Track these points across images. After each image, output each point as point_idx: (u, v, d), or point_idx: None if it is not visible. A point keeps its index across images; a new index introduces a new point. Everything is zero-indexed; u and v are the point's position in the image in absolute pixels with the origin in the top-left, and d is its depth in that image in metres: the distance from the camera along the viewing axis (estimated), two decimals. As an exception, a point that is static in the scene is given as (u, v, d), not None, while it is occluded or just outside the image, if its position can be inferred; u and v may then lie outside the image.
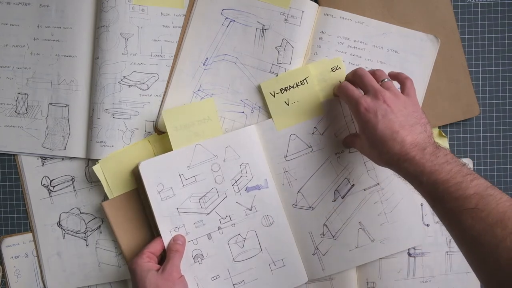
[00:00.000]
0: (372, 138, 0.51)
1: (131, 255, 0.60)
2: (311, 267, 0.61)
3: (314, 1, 0.62)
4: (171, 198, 0.58)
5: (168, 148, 0.59)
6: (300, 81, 0.60)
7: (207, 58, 0.62)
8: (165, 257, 0.56)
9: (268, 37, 0.61)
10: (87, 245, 0.63)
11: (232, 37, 0.62)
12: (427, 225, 0.63)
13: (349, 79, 0.57)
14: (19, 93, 0.62)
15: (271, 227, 0.60)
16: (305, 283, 0.61)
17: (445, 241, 0.63)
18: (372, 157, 0.53)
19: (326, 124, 0.60)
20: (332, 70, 0.61)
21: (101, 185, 0.60)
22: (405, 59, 0.62)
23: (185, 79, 0.62)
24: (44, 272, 0.63)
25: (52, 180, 0.63)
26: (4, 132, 0.62)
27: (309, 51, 0.62)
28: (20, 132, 0.62)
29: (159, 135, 0.62)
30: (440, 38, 0.62)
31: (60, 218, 0.63)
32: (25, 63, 0.62)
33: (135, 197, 0.60)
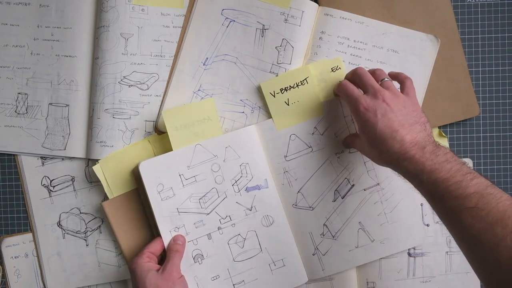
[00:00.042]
0: (372, 137, 0.51)
1: (131, 255, 0.60)
2: (311, 267, 0.61)
3: (314, 1, 0.62)
4: (171, 198, 0.58)
5: (168, 148, 0.59)
6: (300, 81, 0.60)
7: (207, 58, 0.62)
8: (165, 257, 0.56)
9: (268, 37, 0.61)
10: (87, 245, 0.63)
11: (232, 37, 0.62)
12: (427, 225, 0.63)
13: (349, 79, 0.57)
14: (19, 93, 0.62)
15: (271, 227, 0.60)
16: (305, 283, 0.61)
17: (445, 241, 0.63)
18: (372, 157, 0.53)
19: (326, 124, 0.60)
20: (332, 70, 0.61)
21: (101, 185, 0.60)
22: (405, 59, 0.62)
23: (185, 79, 0.62)
24: (44, 272, 0.63)
25: (52, 180, 0.63)
26: (4, 132, 0.62)
27: (309, 51, 0.62)
28: (20, 132, 0.62)
29: (159, 135, 0.62)
30: (440, 38, 0.62)
31: (60, 218, 0.63)
32: (25, 63, 0.62)
33: (135, 197, 0.60)
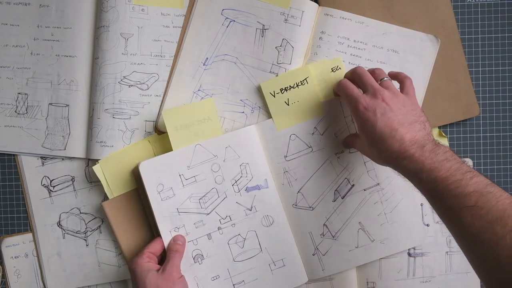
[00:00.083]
0: (371, 137, 0.51)
1: (131, 255, 0.60)
2: (311, 267, 0.61)
3: (314, 1, 0.62)
4: (171, 198, 0.58)
5: (168, 148, 0.59)
6: (300, 81, 0.60)
7: (207, 58, 0.62)
8: (165, 257, 0.56)
9: (268, 37, 0.61)
10: (87, 245, 0.63)
11: (232, 37, 0.62)
12: (427, 225, 0.63)
13: (348, 78, 0.57)
14: (19, 93, 0.62)
15: (271, 227, 0.60)
16: (305, 283, 0.61)
17: (445, 241, 0.63)
18: (372, 156, 0.53)
19: (326, 124, 0.60)
20: (332, 70, 0.61)
21: (101, 185, 0.60)
22: (405, 59, 0.62)
23: (185, 79, 0.62)
24: (44, 272, 0.63)
25: (52, 180, 0.63)
26: (4, 132, 0.62)
27: (309, 51, 0.62)
28: (20, 132, 0.62)
29: (159, 135, 0.62)
30: (440, 38, 0.62)
31: (60, 218, 0.63)
32: (25, 63, 0.62)
33: (135, 197, 0.60)
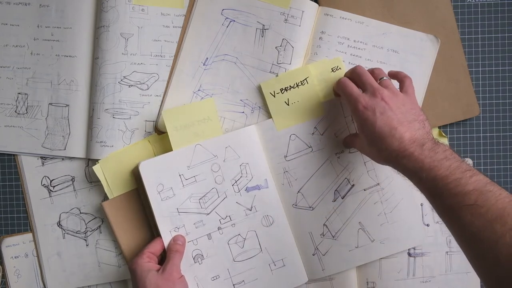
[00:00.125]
0: (371, 136, 0.51)
1: (131, 255, 0.60)
2: (311, 267, 0.61)
3: (314, 1, 0.62)
4: (171, 198, 0.58)
5: (168, 148, 0.59)
6: (301, 81, 0.60)
7: (207, 58, 0.62)
8: (165, 257, 0.56)
9: (268, 37, 0.61)
10: (87, 245, 0.63)
11: (232, 37, 0.62)
12: (427, 225, 0.63)
13: (348, 77, 0.57)
14: (19, 93, 0.62)
15: (271, 227, 0.60)
16: (305, 283, 0.61)
17: (445, 241, 0.63)
18: (372, 155, 0.53)
19: (326, 124, 0.60)
20: (332, 70, 0.61)
21: (101, 185, 0.60)
22: (405, 59, 0.62)
23: (185, 79, 0.62)
24: (44, 272, 0.63)
25: (52, 180, 0.63)
26: (4, 132, 0.62)
27: (309, 51, 0.62)
28: (20, 132, 0.62)
29: (159, 135, 0.62)
30: (440, 38, 0.62)
31: (60, 218, 0.63)
32: (25, 63, 0.62)
33: (135, 197, 0.60)
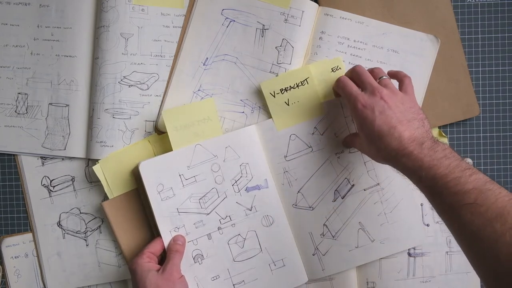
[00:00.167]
0: (370, 135, 0.51)
1: (131, 255, 0.60)
2: (311, 267, 0.61)
3: (314, 1, 0.62)
4: (171, 198, 0.58)
5: (168, 148, 0.59)
6: (301, 82, 0.60)
7: (207, 58, 0.62)
8: (165, 258, 0.56)
9: (268, 37, 0.61)
10: (87, 245, 0.63)
11: (232, 37, 0.62)
12: (427, 225, 0.63)
13: (347, 76, 0.57)
14: (19, 93, 0.62)
15: (271, 227, 0.60)
16: (305, 283, 0.61)
17: (445, 241, 0.63)
18: (371, 154, 0.53)
19: (326, 124, 0.60)
20: (332, 70, 0.61)
21: (101, 185, 0.60)
22: (405, 59, 0.62)
23: (185, 79, 0.62)
24: (44, 272, 0.63)
25: (52, 180, 0.63)
26: (4, 132, 0.62)
27: (309, 51, 0.62)
28: (20, 132, 0.62)
29: (159, 135, 0.62)
30: (440, 38, 0.62)
31: (60, 218, 0.63)
32: (25, 63, 0.62)
33: (135, 197, 0.60)
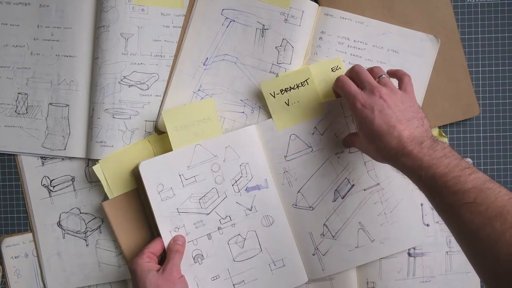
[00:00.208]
0: (370, 134, 0.51)
1: (131, 255, 0.60)
2: (311, 267, 0.61)
3: (314, 1, 0.62)
4: (171, 198, 0.58)
5: (168, 148, 0.59)
6: (301, 82, 0.60)
7: (207, 58, 0.62)
8: (165, 258, 0.56)
9: (268, 37, 0.61)
10: (87, 245, 0.63)
11: (232, 37, 0.62)
12: (427, 225, 0.63)
13: (347, 76, 0.57)
14: (19, 93, 0.62)
15: (271, 227, 0.60)
16: (305, 283, 0.61)
17: (445, 241, 0.63)
18: (371, 153, 0.53)
19: (326, 124, 0.60)
20: (332, 70, 0.61)
21: (101, 185, 0.60)
22: (405, 59, 0.62)
23: (185, 79, 0.62)
24: (44, 272, 0.63)
25: (52, 180, 0.63)
26: (4, 132, 0.62)
27: (309, 51, 0.62)
28: (20, 132, 0.62)
29: (159, 135, 0.62)
30: (440, 38, 0.62)
31: (60, 218, 0.63)
32: (25, 63, 0.62)
33: (135, 197, 0.60)
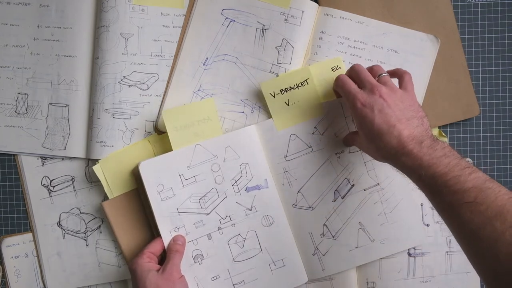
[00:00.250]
0: (369, 133, 0.50)
1: (131, 255, 0.60)
2: (311, 267, 0.61)
3: (314, 1, 0.62)
4: (171, 198, 0.58)
5: (168, 148, 0.59)
6: (301, 83, 0.60)
7: (207, 58, 0.62)
8: (165, 258, 0.56)
9: (268, 37, 0.61)
10: (87, 245, 0.63)
11: (232, 37, 0.62)
12: (427, 225, 0.63)
13: (347, 75, 0.57)
14: (19, 93, 0.62)
15: (271, 227, 0.60)
16: (305, 283, 0.61)
17: (445, 241, 0.63)
18: (371, 153, 0.53)
19: (326, 124, 0.60)
20: (332, 70, 0.61)
21: (101, 185, 0.60)
22: (405, 59, 0.62)
23: (185, 79, 0.62)
24: (44, 272, 0.63)
25: (52, 180, 0.63)
26: (4, 132, 0.62)
27: (309, 51, 0.62)
28: (20, 132, 0.62)
29: (159, 135, 0.62)
30: (440, 38, 0.62)
31: (60, 218, 0.63)
32: (25, 63, 0.62)
33: (135, 197, 0.60)
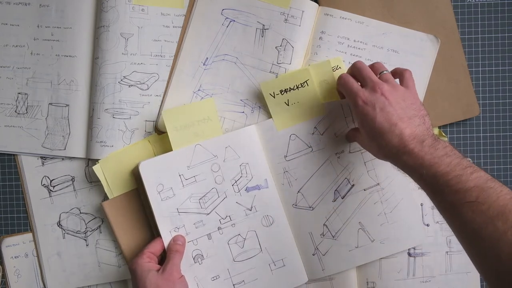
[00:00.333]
0: (371, 132, 0.50)
1: (131, 255, 0.60)
2: (311, 267, 0.61)
3: (314, 1, 0.62)
4: (171, 198, 0.58)
5: (168, 148, 0.59)
6: (301, 83, 0.60)
7: (207, 58, 0.62)
8: (165, 258, 0.56)
9: (268, 37, 0.61)
10: (87, 245, 0.63)
11: (232, 37, 0.62)
12: (427, 225, 0.63)
13: (348, 73, 0.57)
14: (19, 93, 0.62)
15: (271, 227, 0.60)
16: (305, 283, 0.61)
17: (445, 241, 0.63)
18: (372, 151, 0.53)
19: (327, 124, 0.60)
20: (333, 70, 0.61)
21: (101, 185, 0.60)
22: (405, 59, 0.62)
23: (185, 79, 0.62)
24: (44, 272, 0.63)
25: (52, 180, 0.63)
26: (4, 132, 0.62)
27: (309, 51, 0.62)
28: (20, 132, 0.62)
29: (159, 135, 0.62)
30: (440, 38, 0.62)
31: (60, 218, 0.63)
32: (25, 63, 0.62)
33: (135, 197, 0.60)
